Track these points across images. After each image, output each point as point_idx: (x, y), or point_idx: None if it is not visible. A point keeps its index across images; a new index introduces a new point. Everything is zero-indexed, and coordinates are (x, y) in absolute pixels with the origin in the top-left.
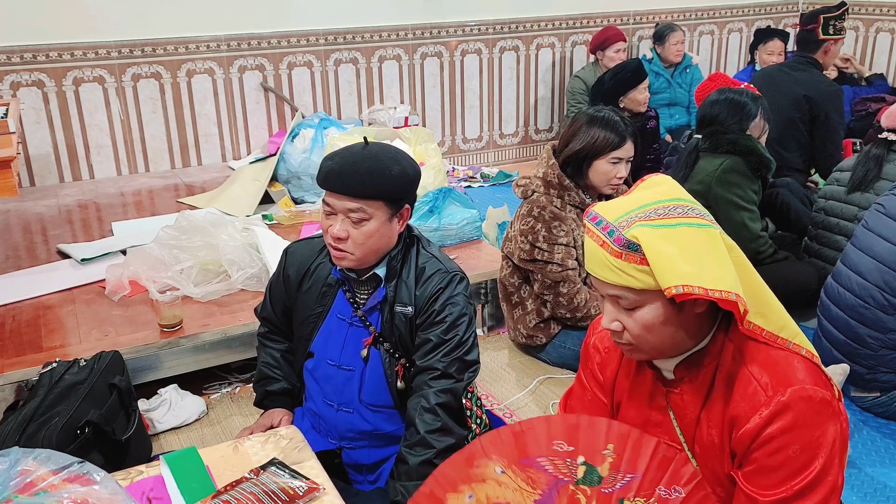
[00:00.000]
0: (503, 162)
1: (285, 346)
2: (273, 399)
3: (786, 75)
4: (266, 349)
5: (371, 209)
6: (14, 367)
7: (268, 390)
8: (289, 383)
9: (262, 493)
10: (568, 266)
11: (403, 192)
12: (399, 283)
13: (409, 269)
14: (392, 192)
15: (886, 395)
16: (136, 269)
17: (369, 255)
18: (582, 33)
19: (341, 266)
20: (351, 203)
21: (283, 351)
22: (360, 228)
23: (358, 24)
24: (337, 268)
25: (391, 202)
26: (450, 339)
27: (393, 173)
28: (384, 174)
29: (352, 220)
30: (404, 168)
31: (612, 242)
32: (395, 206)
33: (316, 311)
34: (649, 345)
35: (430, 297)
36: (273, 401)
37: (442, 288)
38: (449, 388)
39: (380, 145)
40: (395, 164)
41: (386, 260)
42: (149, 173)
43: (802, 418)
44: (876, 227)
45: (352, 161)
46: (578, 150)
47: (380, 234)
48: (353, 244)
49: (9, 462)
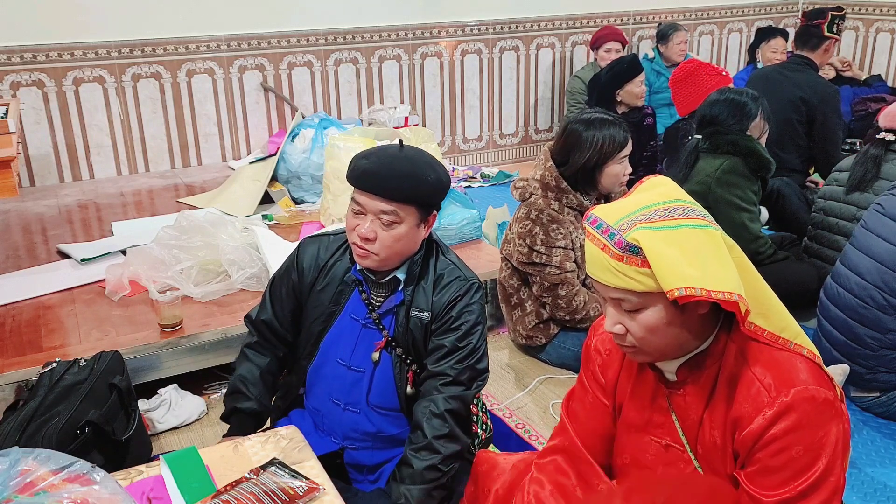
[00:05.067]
0: (503, 162)
1: (268, 364)
2: (238, 418)
3: (783, 77)
4: (247, 362)
5: (403, 213)
6: (14, 367)
7: (236, 407)
8: (259, 405)
9: (262, 493)
10: (566, 269)
11: (435, 199)
12: (417, 288)
13: (427, 274)
14: (426, 197)
15: (886, 395)
16: (136, 269)
17: (393, 257)
18: (582, 33)
19: (363, 265)
20: (385, 205)
21: (263, 369)
22: (390, 231)
23: (358, 24)
24: (356, 267)
25: (423, 207)
26: (464, 347)
27: (430, 179)
28: (421, 179)
29: (382, 221)
30: (439, 175)
31: (614, 246)
32: (426, 211)
33: (329, 310)
34: (652, 347)
35: (448, 304)
36: (238, 419)
37: (460, 296)
38: (459, 394)
39: (415, 149)
40: (431, 171)
41: (407, 264)
42: (149, 173)
43: (806, 419)
44: (875, 228)
45: (389, 163)
46: (587, 160)
47: (407, 238)
48: (380, 245)
49: (9, 462)
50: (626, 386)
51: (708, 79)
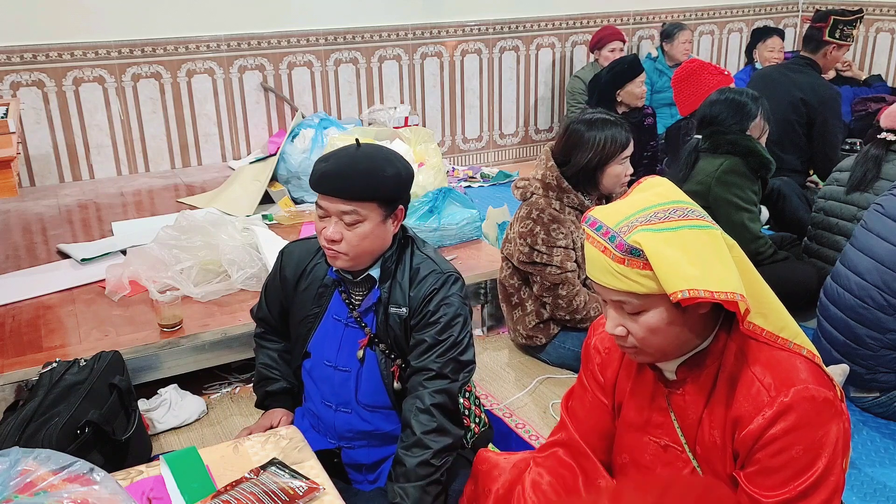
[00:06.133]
0: (503, 162)
1: (282, 346)
2: (274, 399)
3: (784, 77)
4: (263, 350)
5: (365, 211)
6: (14, 367)
7: (268, 391)
8: (288, 382)
9: (262, 493)
10: (567, 268)
11: (397, 194)
12: (393, 284)
13: (403, 270)
14: (385, 193)
15: (886, 396)
16: (136, 269)
17: (363, 256)
18: (582, 33)
19: (335, 266)
20: (344, 205)
21: (280, 351)
22: (354, 230)
23: (358, 24)
24: (333, 269)
25: (385, 203)
26: (444, 340)
27: (387, 174)
28: (378, 176)
29: (345, 222)
30: (398, 169)
31: (614, 248)
32: (389, 207)
33: (313, 312)
34: (654, 347)
35: (425, 298)
36: (274, 401)
37: (436, 289)
38: (444, 388)
39: (372, 146)
40: (389, 166)
41: (380, 261)
42: (149, 173)
43: (806, 418)
44: (875, 228)
45: (345, 163)
46: (588, 161)
47: (374, 236)
48: (346, 245)
49: (9, 462)
50: (625, 385)
51: (710, 78)
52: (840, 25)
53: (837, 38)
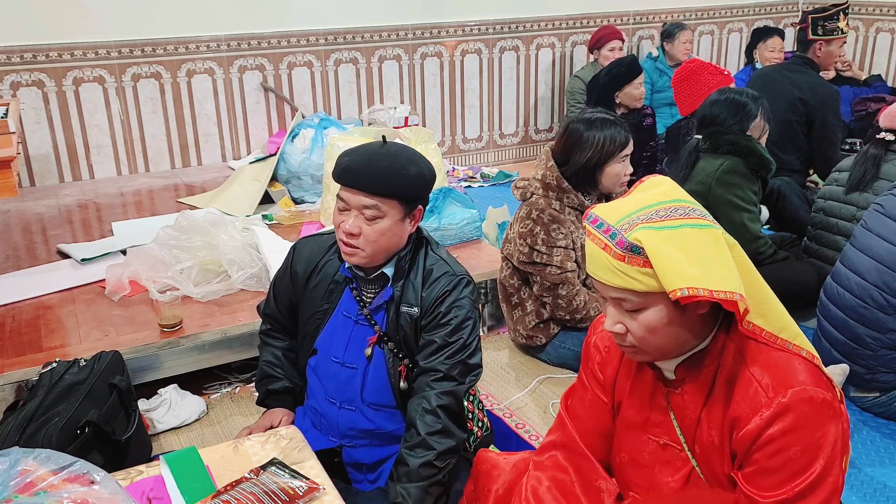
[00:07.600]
0: (503, 162)
1: (287, 344)
2: (275, 398)
3: (783, 77)
4: (268, 348)
5: (385, 207)
6: (14, 367)
7: (269, 389)
8: (290, 382)
9: (262, 493)
10: (567, 268)
11: (418, 193)
12: (406, 283)
13: (416, 270)
14: (407, 191)
15: (886, 395)
16: (136, 269)
17: (379, 253)
18: (582, 33)
19: (350, 263)
20: (366, 199)
21: (284, 349)
22: (373, 226)
23: (358, 24)
24: (345, 265)
25: (405, 202)
26: (454, 342)
27: (410, 173)
28: (401, 173)
29: (365, 216)
30: (421, 169)
31: (615, 245)
32: (409, 206)
33: (322, 308)
34: (652, 346)
35: (437, 299)
36: (275, 400)
37: (449, 291)
38: (451, 390)
39: (398, 145)
40: (412, 165)
41: (395, 260)
42: (149, 173)
43: (804, 419)
44: (875, 228)
45: (369, 158)
46: (588, 160)
47: (391, 233)
48: (364, 241)
49: (9, 462)
50: (624, 384)
51: (710, 78)
52: (820, 22)
53: (821, 34)
